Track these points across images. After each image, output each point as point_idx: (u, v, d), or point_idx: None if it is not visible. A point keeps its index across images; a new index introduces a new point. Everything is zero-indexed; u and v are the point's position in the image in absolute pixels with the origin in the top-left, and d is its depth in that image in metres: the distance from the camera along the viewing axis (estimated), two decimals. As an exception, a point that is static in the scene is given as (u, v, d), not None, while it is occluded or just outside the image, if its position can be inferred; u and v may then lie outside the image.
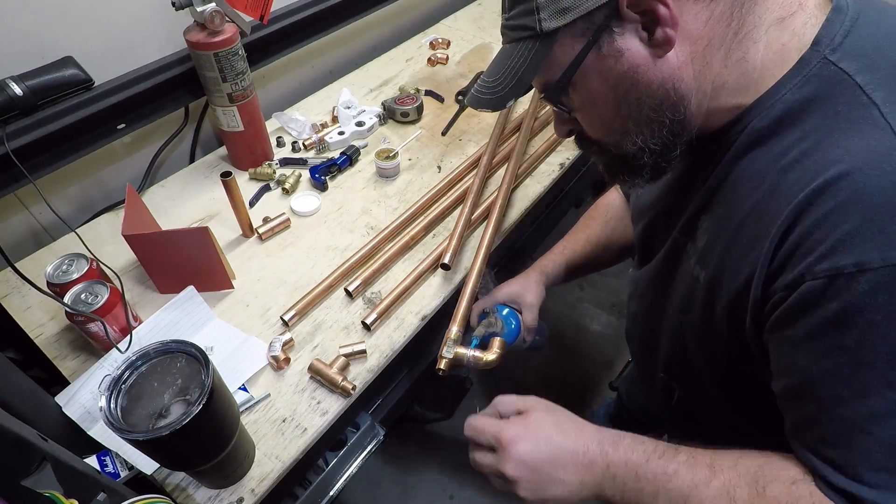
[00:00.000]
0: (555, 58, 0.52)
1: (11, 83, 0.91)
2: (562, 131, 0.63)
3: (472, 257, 1.02)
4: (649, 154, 0.56)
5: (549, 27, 0.50)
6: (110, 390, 0.61)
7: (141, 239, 0.89)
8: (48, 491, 0.52)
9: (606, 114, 0.56)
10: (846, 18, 0.48)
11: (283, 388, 0.85)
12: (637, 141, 0.55)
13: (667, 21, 0.47)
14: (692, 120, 0.54)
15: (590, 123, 0.59)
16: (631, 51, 0.50)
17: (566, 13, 0.49)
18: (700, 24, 0.48)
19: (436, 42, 1.62)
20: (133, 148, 1.19)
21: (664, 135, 0.54)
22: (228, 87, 1.07)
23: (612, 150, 0.59)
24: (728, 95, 0.52)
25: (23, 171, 0.90)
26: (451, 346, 0.89)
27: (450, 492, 1.62)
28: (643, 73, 0.50)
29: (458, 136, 1.31)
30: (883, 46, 0.46)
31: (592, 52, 0.51)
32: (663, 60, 0.50)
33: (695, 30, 0.49)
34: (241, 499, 0.74)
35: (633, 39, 0.49)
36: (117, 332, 0.84)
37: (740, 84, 0.51)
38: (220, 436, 0.66)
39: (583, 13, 0.49)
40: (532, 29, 0.51)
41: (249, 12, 1.03)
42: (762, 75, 0.50)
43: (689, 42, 0.49)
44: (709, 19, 0.48)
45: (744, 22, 0.49)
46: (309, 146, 1.26)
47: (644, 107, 0.52)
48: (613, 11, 0.48)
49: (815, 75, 0.47)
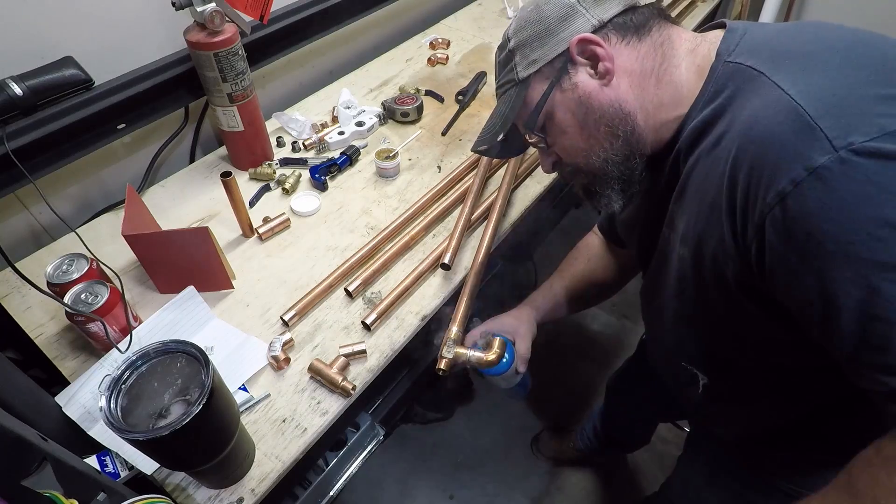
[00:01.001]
0: (530, 99, 0.71)
1: (11, 83, 0.91)
2: (547, 165, 0.78)
3: (472, 257, 1.02)
4: (613, 164, 0.69)
5: (524, 75, 0.70)
6: (110, 390, 0.61)
7: (141, 239, 0.89)
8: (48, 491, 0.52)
9: (574, 136, 0.70)
10: (737, 35, 0.62)
11: (283, 388, 0.85)
12: (601, 154, 0.69)
13: (605, 58, 0.65)
14: (643, 133, 0.67)
15: (564, 149, 0.73)
16: (584, 83, 0.67)
17: (535, 63, 0.69)
18: (631, 61, 0.66)
19: (436, 42, 1.62)
20: (133, 148, 1.19)
21: (621, 145, 0.68)
22: (228, 87, 1.07)
23: (584, 168, 0.73)
24: (668, 110, 0.66)
25: (23, 171, 0.91)
26: (451, 346, 0.89)
27: (450, 492, 1.62)
28: (595, 98, 0.66)
29: (458, 136, 1.31)
30: (764, 44, 0.60)
31: (556, 89, 0.68)
32: (609, 87, 0.66)
33: (628, 65, 0.66)
34: (241, 499, 0.74)
35: (584, 75, 0.67)
36: (117, 332, 0.84)
37: (674, 99, 0.65)
38: (220, 436, 0.66)
39: (546, 62, 0.68)
40: (513, 80, 0.71)
41: (249, 12, 1.03)
42: (689, 89, 0.64)
43: (626, 73, 0.66)
44: (637, 57, 0.66)
45: (665, 55, 0.66)
46: (309, 146, 1.26)
47: (601, 124, 0.67)
48: (567, 58, 0.67)
49: (720, 74, 0.61)
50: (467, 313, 0.95)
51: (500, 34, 0.70)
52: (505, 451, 1.70)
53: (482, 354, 0.88)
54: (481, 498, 1.61)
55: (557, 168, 0.78)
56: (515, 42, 0.70)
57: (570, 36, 0.66)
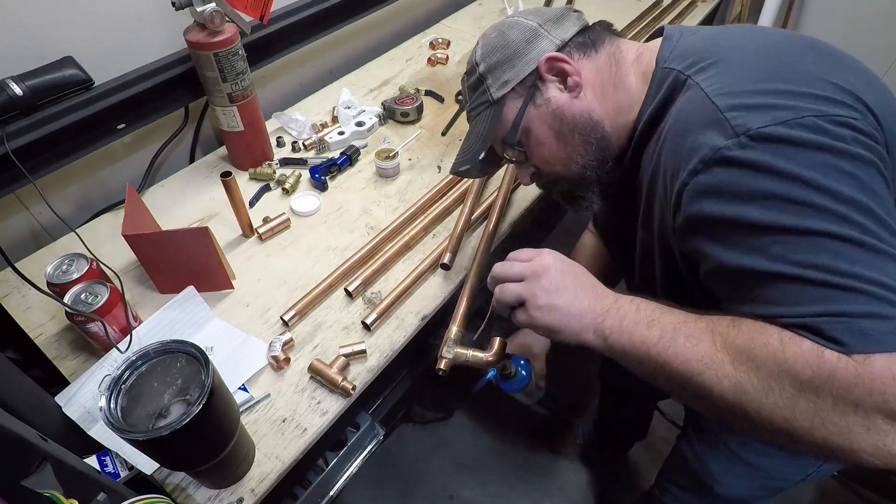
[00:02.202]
0: (506, 117, 0.76)
1: (11, 83, 0.91)
2: (525, 178, 0.83)
3: (472, 257, 1.02)
4: (591, 169, 0.76)
5: (498, 95, 0.76)
6: (110, 390, 0.61)
7: (141, 239, 0.89)
8: (48, 491, 0.52)
9: (552, 147, 0.76)
10: (673, 42, 0.70)
11: (283, 388, 0.85)
12: (579, 161, 0.75)
13: (572, 73, 0.72)
14: (611, 138, 0.75)
15: (543, 161, 0.79)
16: (556, 97, 0.73)
17: (507, 84, 0.75)
18: (593, 73, 0.74)
19: (436, 42, 1.62)
20: (133, 148, 1.19)
21: (595, 151, 0.75)
22: (228, 87, 1.07)
23: (564, 176, 0.79)
24: (625, 114, 0.73)
25: (23, 171, 0.90)
26: (451, 346, 0.89)
27: (450, 492, 1.62)
28: (567, 110, 0.73)
29: (458, 136, 1.31)
30: (692, 50, 0.67)
31: (530, 105, 0.75)
32: (578, 99, 0.73)
33: (591, 76, 0.74)
34: (241, 499, 0.74)
35: (555, 90, 0.74)
36: (117, 332, 0.84)
37: (628, 104, 0.73)
38: (220, 436, 0.66)
39: (518, 81, 0.75)
40: (487, 101, 0.77)
41: (249, 12, 1.03)
42: (637, 94, 0.72)
43: (590, 84, 0.74)
44: (597, 68, 0.74)
45: (618, 64, 0.74)
46: (309, 146, 1.26)
47: (576, 133, 0.74)
48: (537, 76, 0.74)
49: (660, 79, 0.69)
50: (467, 313, 0.95)
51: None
52: (505, 451, 1.70)
53: (482, 354, 0.89)
54: (481, 498, 1.61)
55: (535, 179, 0.84)
56: (485, 67, 0.77)
57: (537, 56, 0.73)
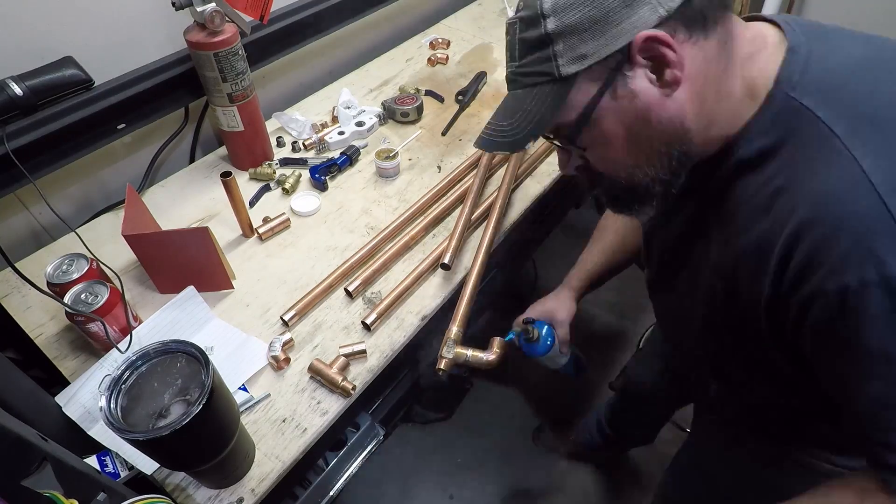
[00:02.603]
0: (572, 102, 0.56)
1: (11, 83, 0.91)
2: (569, 167, 0.66)
3: (472, 257, 1.02)
4: (660, 184, 0.60)
5: (568, 72, 0.54)
6: (110, 390, 0.61)
7: (141, 239, 0.89)
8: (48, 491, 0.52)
9: (619, 151, 0.59)
10: (800, 58, 0.54)
11: (283, 388, 0.85)
12: (649, 172, 0.59)
13: (675, 63, 0.52)
14: (695, 154, 0.59)
15: (600, 160, 0.62)
16: (644, 92, 0.54)
17: (584, 59, 0.53)
18: (697, 66, 0.54)
19: (436, 42, 1.62)
20: (133, 148, 1.19)
21: (673, 166, 0.58)
22: (228, 87, 1.07)
23: (622, 182, 0.62)
24: (718, 129, 0.58)
25: (23, 171, 0.90)
26: (451, 346, 0.89)
27: (450, 492, 1.62)
28: (655, 112, 0.55)
29: (458, 136, 1.31)
30: (837, 84, 0.53)
31: (607, 94, 0.55)
32: (671, 99, 0.54)
33: (693, 70, 0.54)
34: (241, 499, 0.74)
35: (644, 81, 0.54)
36: (117, 332, 0.84)
37: (725, 117, 0.57)
38: (220, 436, 0.66)
39: (599, 59, 0.53)
40: (549, 74, 0.55)
41: (249, 12, 1.03)
42: (740, 109, 0.56)
43: (689, 81, 0.54)
44: (703, 60, 0.54)
45: (729, 58, 0.55)
46: (309, 146, 1.26)
47: (655, 142, 0.57)
48: (625, 57, 0.53)
49: (782, 110, 0.54)
50: (467, 313, 0.95)
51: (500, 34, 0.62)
52: (505, 451, 1.70)
53: (482, 354, 0.89)
54: (481, 498, 1.61)
55: (581, 172, 0.66)
56: (558, 24, 0.53)
57: (634, 28, 0.51)
